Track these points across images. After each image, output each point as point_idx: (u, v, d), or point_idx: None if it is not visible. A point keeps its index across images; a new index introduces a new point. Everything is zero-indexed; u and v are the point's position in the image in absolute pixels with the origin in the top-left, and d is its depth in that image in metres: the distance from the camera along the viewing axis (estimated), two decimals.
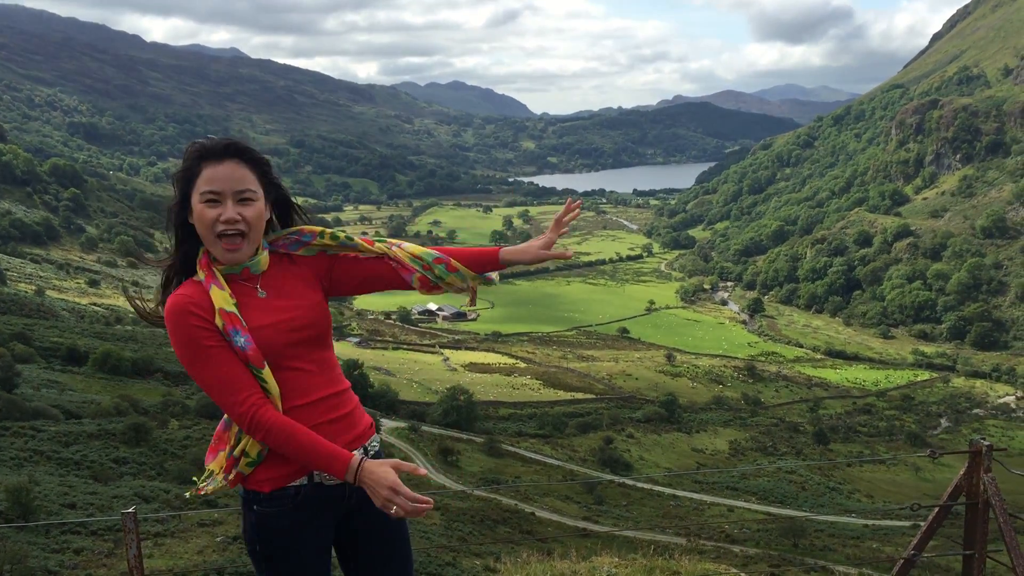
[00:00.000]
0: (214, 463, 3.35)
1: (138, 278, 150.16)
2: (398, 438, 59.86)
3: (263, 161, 3.28)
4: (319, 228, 3.43)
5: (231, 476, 3.28)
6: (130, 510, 3.86)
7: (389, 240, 3.52)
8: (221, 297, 3.16)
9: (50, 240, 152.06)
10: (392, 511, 3.04)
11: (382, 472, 3.08)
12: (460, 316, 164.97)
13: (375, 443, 3.48)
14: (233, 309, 3.15)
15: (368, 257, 3.45)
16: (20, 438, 37.22)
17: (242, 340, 3.12)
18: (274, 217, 3.42)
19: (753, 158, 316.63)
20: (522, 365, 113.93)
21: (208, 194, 3.13)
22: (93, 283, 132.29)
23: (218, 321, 3.13)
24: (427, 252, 3.41)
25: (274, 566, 3.30)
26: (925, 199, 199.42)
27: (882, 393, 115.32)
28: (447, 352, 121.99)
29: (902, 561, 5.34)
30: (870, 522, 51.27)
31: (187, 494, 3.42)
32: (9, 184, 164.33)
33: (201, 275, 3.23)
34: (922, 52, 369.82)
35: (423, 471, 3.16)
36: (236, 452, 3.26)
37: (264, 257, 3.31)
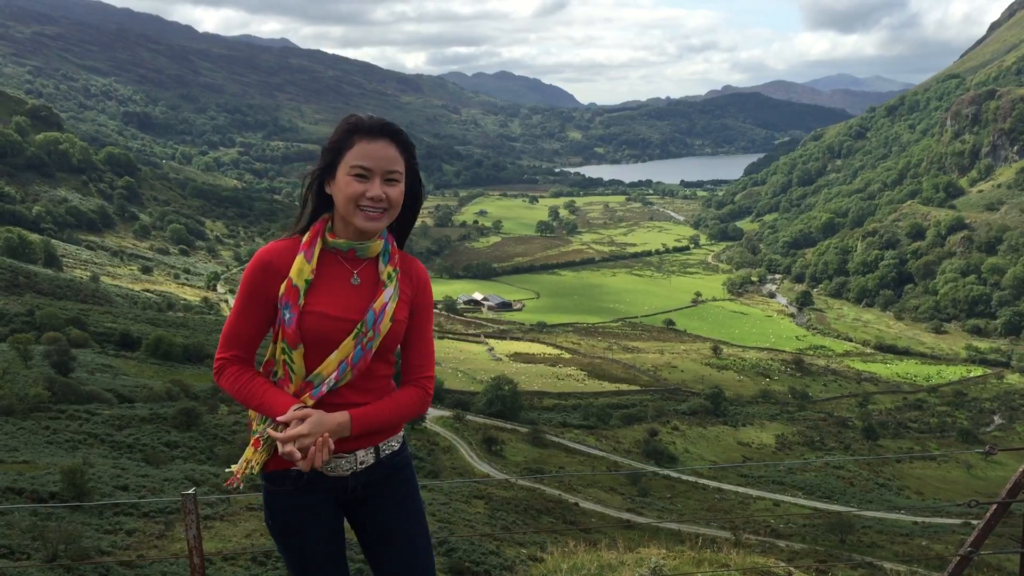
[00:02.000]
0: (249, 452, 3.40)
1: (189, 266, 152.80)
2: (443, 427, 60.18)
3: (412, 147, 3.36)
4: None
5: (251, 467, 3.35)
6: (190, 491, 3.94)
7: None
8: (298, 270, 3.24)
9: (105, 227, 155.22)
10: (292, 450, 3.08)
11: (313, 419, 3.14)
12: (505, 306, 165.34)
13: (393, 443, 3.48)
14: (301, 285, 3.22)
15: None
16: (75, 421, 38.18)
17: (288, 316, 3.21)
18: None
19: (803, 149, 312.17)
20: (567, 356, 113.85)
21: (358, 168, 3.20)
22: (146, 270, 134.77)
23: (282, 288, 3.23)
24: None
25: (284, 541, 3.44)
26: (980, 191, 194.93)
27: (934, 389, 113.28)
28: (492, 342, 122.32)
29: (958, 558, 5.25)
30: (919, 519, 50.54)
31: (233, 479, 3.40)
32: (66, 172, 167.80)
33: (305, 237, 3.33)
34: (979, 41, 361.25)
35: (297, 455, 3.07)
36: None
37: (377, 244, 3.35)
